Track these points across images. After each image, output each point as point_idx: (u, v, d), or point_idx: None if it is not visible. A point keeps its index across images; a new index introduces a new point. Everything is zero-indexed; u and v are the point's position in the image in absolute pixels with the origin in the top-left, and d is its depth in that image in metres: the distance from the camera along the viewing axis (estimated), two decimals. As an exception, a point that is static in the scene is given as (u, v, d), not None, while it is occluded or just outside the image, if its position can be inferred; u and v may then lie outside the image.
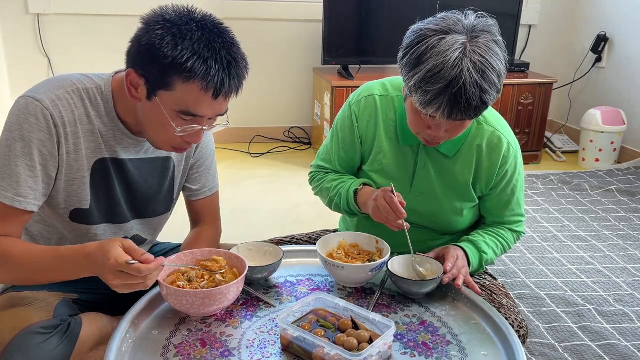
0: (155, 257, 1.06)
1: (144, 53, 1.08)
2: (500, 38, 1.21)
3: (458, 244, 1.40)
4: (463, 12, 1.22)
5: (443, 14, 1.23)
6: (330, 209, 1.55)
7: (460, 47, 1.15)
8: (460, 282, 1.27)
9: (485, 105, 1.20)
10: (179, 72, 1.07)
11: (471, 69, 1.14)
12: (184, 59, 1.06)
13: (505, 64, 1.20)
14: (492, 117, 1.42)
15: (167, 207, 1.41)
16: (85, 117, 1.19)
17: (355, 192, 1.43)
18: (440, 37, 1.17)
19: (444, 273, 1.27)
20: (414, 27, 1.23)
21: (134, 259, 1.04)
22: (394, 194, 1.29)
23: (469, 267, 1.37)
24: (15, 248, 1.14)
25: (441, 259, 1.33)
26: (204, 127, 1.16)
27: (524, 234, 1.53)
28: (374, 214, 1.35)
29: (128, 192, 1.30)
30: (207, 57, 1.07)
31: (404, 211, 1.28)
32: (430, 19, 1.22)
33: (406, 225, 1.30)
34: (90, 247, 1.09)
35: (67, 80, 1.20)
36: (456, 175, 1.41)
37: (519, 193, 1.46)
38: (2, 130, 1.16)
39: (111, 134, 1.22)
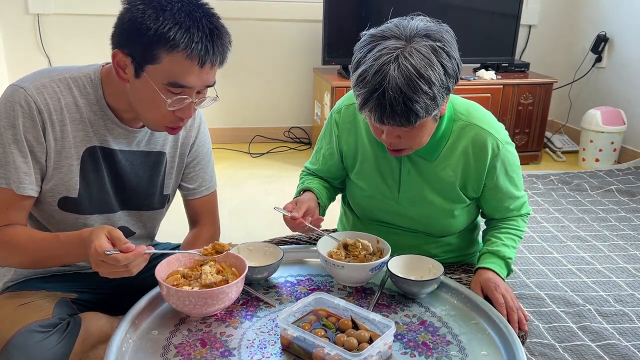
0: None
1: (127, 30, 1.10)
2: (444, 45, 1.17)
3: (486, 266, 1.38)
4: (413, 17, 1.22)
5: (397, 19, 1.23)
6: None
7: (393, 53, 1.15)
8: (526, 327, 1.28)
9: (414, 113, 1.16)
10: (163, 43, 1.08)
11: (395, 75, 1.13)
12: (165, 29, 1.07)
13: (445, 69, 1.16)
14: (477, 113, 1.39)
15: (159, 203, 1.40)
16: (73, 105, 1.21)
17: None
18: (377, 42, 1.18)
19: (509, 321, 1.23)
20: (365, 32, 1.23)
21: (115, 248, 1.07)
22: (294, 217, 1.32)
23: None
24: (21, 236, 1.19)
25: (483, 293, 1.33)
26: (194, 100, 1.17)
27: (530, 212, 1.51)
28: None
29: (117, 182, 1.31)
30: (189, 26, 1.09)
31: (308, 224, 1.33)
32: (385, 23, 1.22)
33: (308, 220, 1.34)
34: (85, 232, 1.14)
35: (55, 70, 1.23)
36: (441, 178, 1.39)
37: (516, 179, 1.43)
38: None
39: (101, 122, 1.24)
